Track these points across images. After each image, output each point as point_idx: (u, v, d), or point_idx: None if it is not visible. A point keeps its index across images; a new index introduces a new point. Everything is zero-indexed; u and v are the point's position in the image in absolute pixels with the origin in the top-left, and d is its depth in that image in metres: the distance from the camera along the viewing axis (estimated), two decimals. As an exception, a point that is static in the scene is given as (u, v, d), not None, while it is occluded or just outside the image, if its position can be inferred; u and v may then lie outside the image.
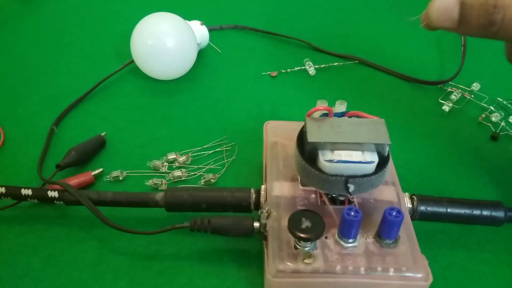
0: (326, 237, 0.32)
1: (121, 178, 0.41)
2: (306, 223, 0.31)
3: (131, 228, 0.35)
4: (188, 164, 0.43)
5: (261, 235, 0.33)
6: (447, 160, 0.44)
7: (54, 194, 0.36)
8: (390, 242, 0.32)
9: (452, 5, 0.31)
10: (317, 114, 0.34)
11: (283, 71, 0.54)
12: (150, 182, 0.41)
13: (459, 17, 0.31)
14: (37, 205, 0.39)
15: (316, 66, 0.54)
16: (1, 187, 0.37)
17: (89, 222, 0.37)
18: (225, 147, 0.44)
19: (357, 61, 0.55)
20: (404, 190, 0.36)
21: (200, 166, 0.43)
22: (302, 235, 0.30)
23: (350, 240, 0.31)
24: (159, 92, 0.51)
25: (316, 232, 0.31)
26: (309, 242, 0.31)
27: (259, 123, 0.42)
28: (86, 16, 0.61)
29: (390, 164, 0.37)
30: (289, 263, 0.31)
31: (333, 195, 0.34)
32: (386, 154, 0.33)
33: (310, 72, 0.53)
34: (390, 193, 0.35)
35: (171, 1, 0.64)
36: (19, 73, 0.52)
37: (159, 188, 0.41)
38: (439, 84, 0.52)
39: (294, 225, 0.31)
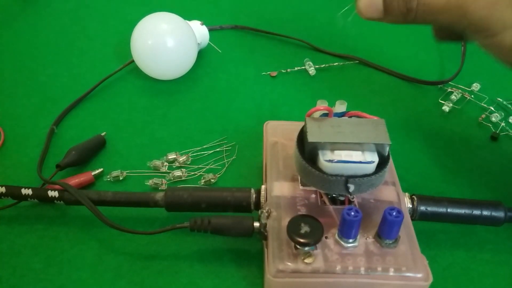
0: (326, 237, 0.32)
1: (121, 178, 0.41)
2: (305, 228, 0.31)
3: (131, 228, 0.35)
4: (188, 164, 0.43)
5: (261, 235, 0.33)
6: (447, 160, 0.44)
7: (54, 194, 0.36)
8: (390, 242, 0.32)
9: None
10: (317, 114, 0.34)
11: (283, 71, 0.54)
12: (150, 182, 0.41)
13: (384, 8, 0.35)
14: (37, 205, 0.39)
15: (316, 66, 0.54)
16: (1, 187, 0.37)
17: (89, 222, 0.38)
18: (225, 147, 0.44)
19: (357, 61, 0.55)
20: (404, 190, 0.36)
21: (200, 166, 0.43)
22: (301, 240, 0.31)
23: (350, 240, 0.31)
24: (159, 92, 0.51)
25: (315, 237, 0.31)
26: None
27: (259, 123, 0.42)
28: (86, 16, 0.61)
29: (390, 164, 0.37)
30: (289, 263, 0.31)
31: (333, 195, 0.34)
32: (386, 154, 0.33)
33: (310, 72, 0.53)
34: (390, 193, 0.35)
35: (171, 1, 0.64)
36: (19, 73, 0.52)
37: (159, 188, 0.41)
38: (439, 84, 0.52)
39: (293, 230, 0.31)
